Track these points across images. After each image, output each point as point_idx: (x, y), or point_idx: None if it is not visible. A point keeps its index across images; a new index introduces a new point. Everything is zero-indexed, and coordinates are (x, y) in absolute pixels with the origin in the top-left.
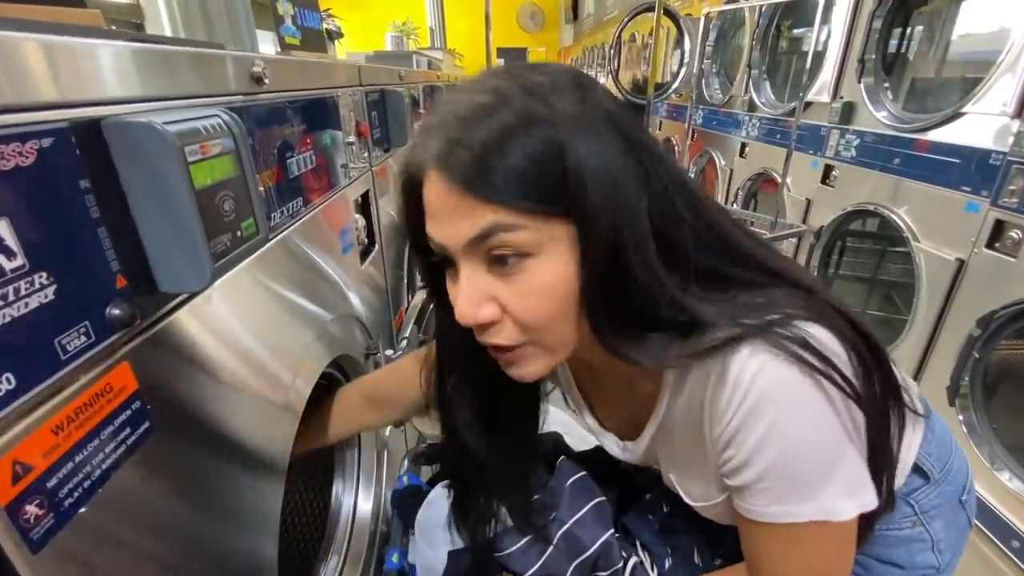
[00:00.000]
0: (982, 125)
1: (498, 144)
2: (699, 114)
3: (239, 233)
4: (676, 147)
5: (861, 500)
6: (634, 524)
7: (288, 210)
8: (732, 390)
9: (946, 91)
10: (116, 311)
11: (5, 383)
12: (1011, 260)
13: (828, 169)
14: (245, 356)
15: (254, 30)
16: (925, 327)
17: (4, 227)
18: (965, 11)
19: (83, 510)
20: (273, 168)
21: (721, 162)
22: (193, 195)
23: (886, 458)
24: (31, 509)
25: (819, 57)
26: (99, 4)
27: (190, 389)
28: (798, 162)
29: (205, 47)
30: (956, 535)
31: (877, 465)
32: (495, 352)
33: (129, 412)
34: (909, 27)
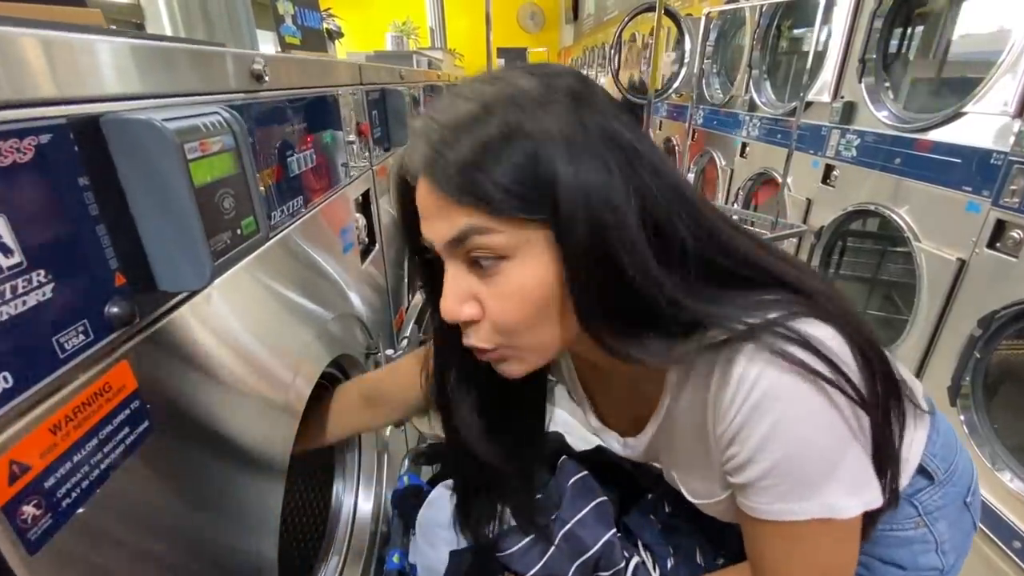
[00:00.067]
0: (983, 125)
1: (476, 155)
2: (700, 114)
3: (239, 231)
4: (677, 147)
5: (865, 498)
6: (636, 524)
7: (288, 209)
8: (736, 388)
9: (943, 92)
10: (115, 309)
11: (2, 382)
12: (1012, 260)
13: (829, 169)
14: (245, 355)
15: (254, 30)
16: (926, 327)
17: (2, 224)
18: (965, 11)
19: (81, 510)
20: (273, 166)
21: (722, 162)
22: (193, 193)
23: (890, 456)
24: (28, 509)
25: (820, 57)
26: (99, 4)
27: (190, 388)
28: (799, 162)
29: (205, 46)
30: (960, 537)
31: (881, 463)
32: (477, 353)
33: (128, 411)
34: (910, 27)
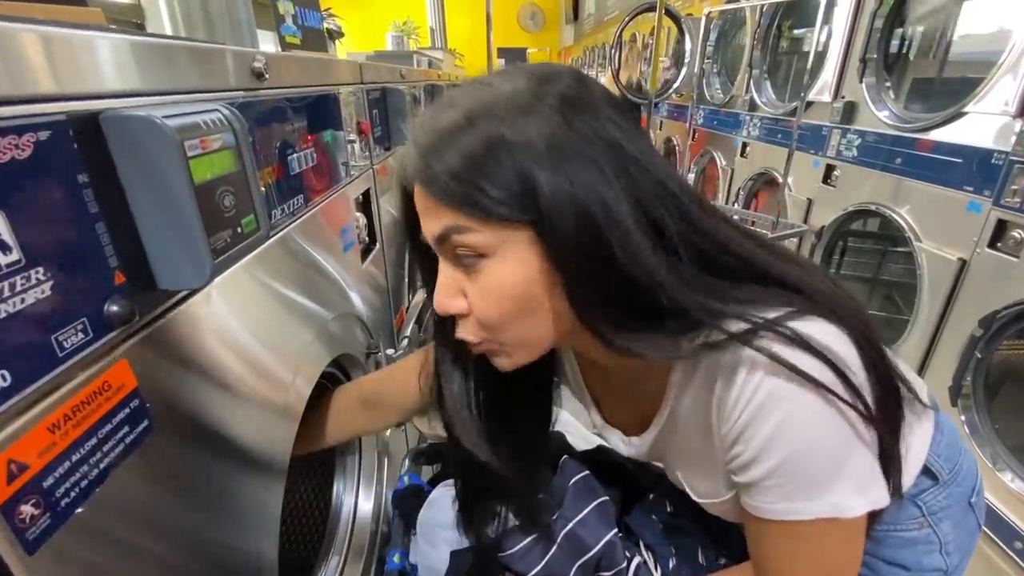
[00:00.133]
0: (984, 125)
1: (457, 163)
2: (700, 114)
3: (239, 229)
4: (677, 147)
5: (871, 497)
6: (637, 524)
7: (288, 208)
8: (741, 387)
9: (942, 93)
10: (114, 308)
11: (1, 380)
12: (1013, 260)
13: (829, 169)
14: (245, 355)
15: (255, 29)
16: (927, 327)
17: (0, 221)
18: (966, 11)
19: (80, 510)
20: (274, 165)
21: (722, 162)
22: (193, 190)
23: (892, 457)
24: (26, 509)
25: (820, 57)
26: (100, 4)
27: (190, 387)
28: (799, 162)
29: (206, 44)
30: (965, 537)
31: (884, 463)
32: (471, 347)
33: (128, 410)
34: (910, 27)
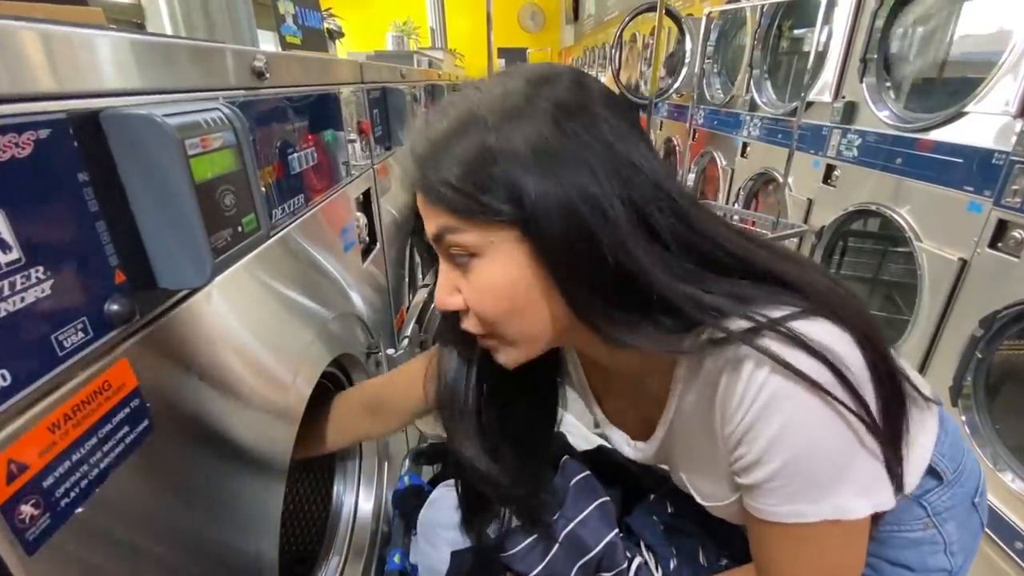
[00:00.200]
0: (984, 125)
1: (447, 169)
2: (700, 114)
3: (240, 228)
4: (677, 147)
5: (875, 499)
6: (638, 524)
7: (289, 207)
8: (744, 388)
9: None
10: (115, 307)
11: (0, 380)
12: (1014, 260)
13: (830, 169)
14: (246, 354)
15: (255, 29)
16: (927, 327)
17: (0, 220)
18: (966, 12)
19: (80, 510)
20: (274, 164)
21: (723, 162)
22: (193, 189)
23: (897, 456)
24: (26, 509)
25: (820, 57)
26: (100, 3)
27: (190, 387)
28: (800, 162)
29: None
30: (969, 538)
31: (889, 463)
32: (479, 340)
33: (128, 410)
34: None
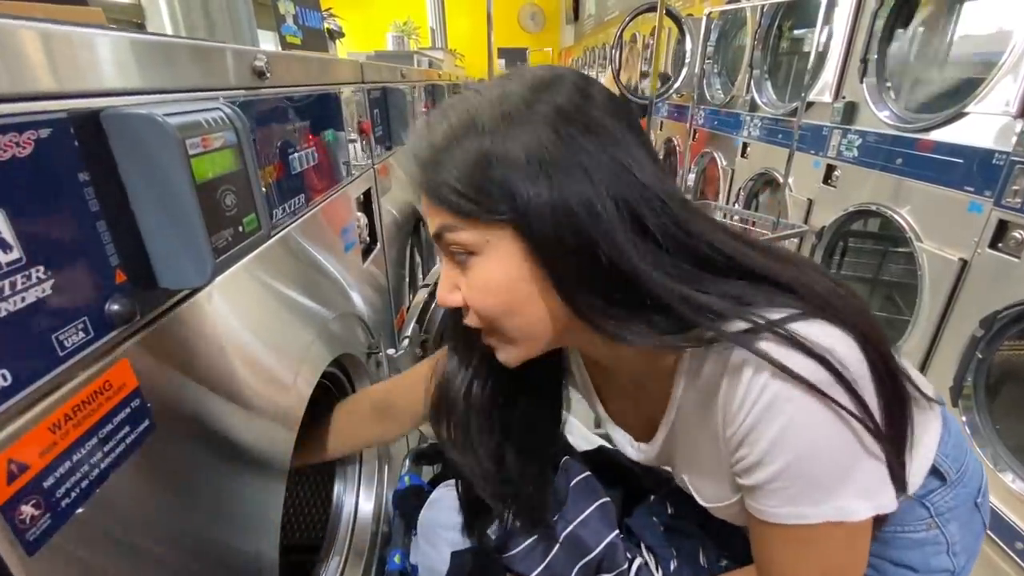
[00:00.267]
0: (985, 125)
1: (446, 170)
2: (701, 114)
3: (241, 228)
4: (677, 147)
5: (877, 501)
6: (638, 525)
7: (289, 207)
8: (746, 389)
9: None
10: (115, 307)
11: (1, 380)
12: (1014, 260)
13: (830, 169)
14: (246, 354)
15: (255, 29)
16: (928, 328)
17: (1, 220)
18: (966, 12)
19: (81, 510)
20: (275, 164)
21: (723, 162)
22: (194, 189)
23: (900, 458)
24: (27, 509)
25: (821, 57)
26: (100, 4)
27: (191, 387)
28: (800, 162)
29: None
30: (971, 538)
31: (891, 465)
32: (482, 337)
33: (129, 410)
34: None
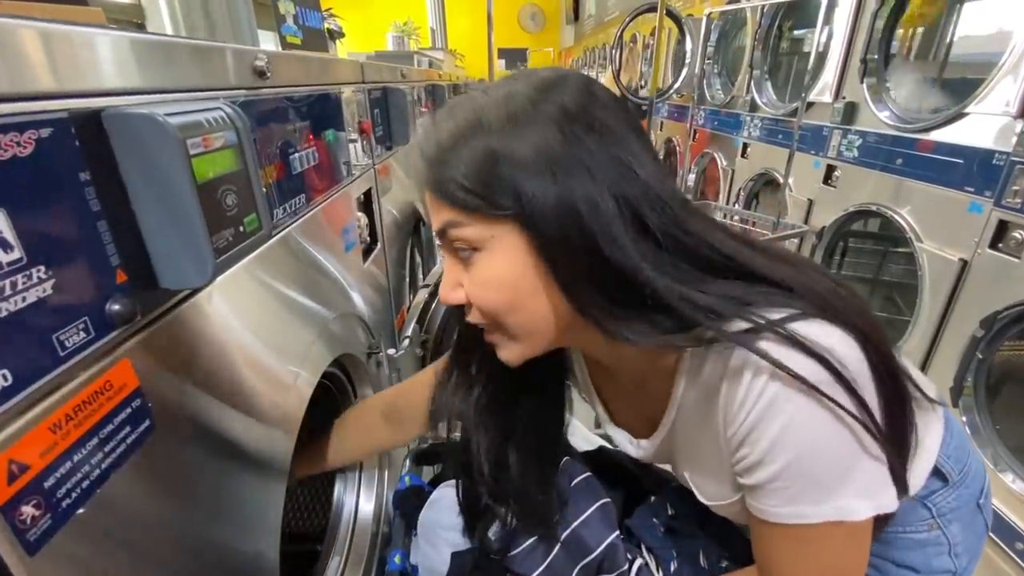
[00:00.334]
0: (985, 125)
1: (454, 169)
2: (701, 114)
3: (242, 228)
4: (678, 147)
5: (878, 501)
6: (638, 526)
7: (290, 207)
8: (747, 389)
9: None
10: (116, 307)
11: (1, 380)
12: (1015, 260)
13: (830, 169)
14: (247, 354)
15: (256, 29)
16: (928, 328)
17: (1, 219)
18: (967, 12)
19: (81, 511)
20: (275, 164)
21: (723, 162)
22: (195, 188)
23: (901, 457)
24: (27, 510)
25: (821, 57)
26: (101, 4)
27: (191, 387)
28: (800, 162)
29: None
30: (973, 539)
31: (892, 465)
32: (485, 335)
33: (130, 410)
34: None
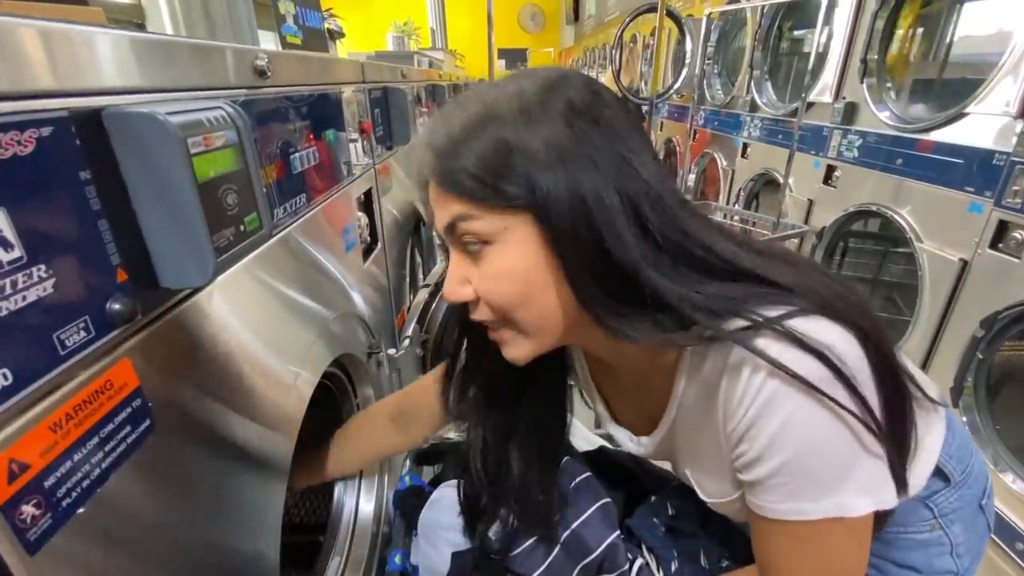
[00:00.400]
0: (985, 125)
1: (466, 160)
2: (701, 115)
3: (242, 228)
4: (678, 147)
5: (878, 497)
6: (639, 526)
7: (290, 207)
8: (746, 385)
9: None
10: (116, 306)
11: (1, 379)
12: (1015, 261)
13: (830, 169)
14: (248, 354)
15: (256, 29)
16: (928, 328)
17: (2, 218)
18: (967, 13)
19: (82, 510)
20: (276, 163)
21: (723, 162)
22: (195, 188)
23: (900, 454)
24: (28, 509)
25: (821, 58)
26: (101, 4)
27: (192, 387)
28: (800, 162)
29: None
30: (975, 540)
31: (892, 462)
32: (490, 333)
33: (130, 409)
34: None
